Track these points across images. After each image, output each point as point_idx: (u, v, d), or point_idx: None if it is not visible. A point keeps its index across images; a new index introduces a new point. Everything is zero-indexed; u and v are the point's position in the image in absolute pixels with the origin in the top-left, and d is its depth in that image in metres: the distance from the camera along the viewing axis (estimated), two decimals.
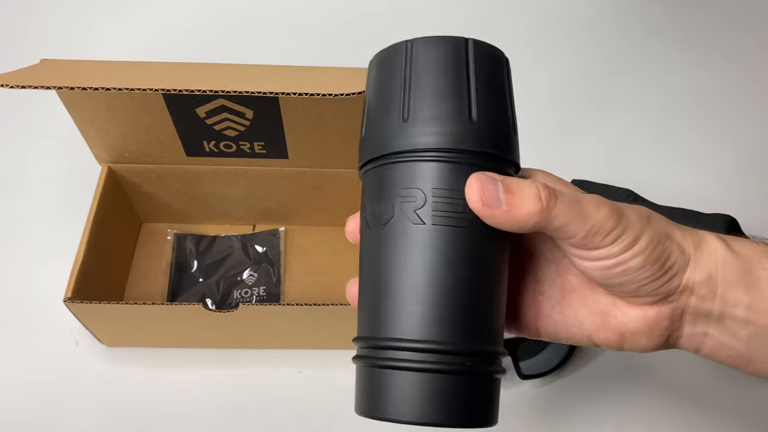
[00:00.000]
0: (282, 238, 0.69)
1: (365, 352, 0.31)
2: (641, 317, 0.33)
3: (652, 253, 0.31)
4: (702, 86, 0.87)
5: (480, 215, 0.29)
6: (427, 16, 0.93)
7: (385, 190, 0.30)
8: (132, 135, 0.58)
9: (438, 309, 0.29)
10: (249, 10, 0.93)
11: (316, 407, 0.59)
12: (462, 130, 0.29)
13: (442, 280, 0.29)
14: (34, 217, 0.71)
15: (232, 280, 0.66)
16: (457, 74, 0.30)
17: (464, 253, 0.29)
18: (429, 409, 0.28)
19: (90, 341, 0.62)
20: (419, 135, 0.29)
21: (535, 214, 0.29)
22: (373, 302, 0.31)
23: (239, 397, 0.60)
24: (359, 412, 0.31)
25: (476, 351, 0.29)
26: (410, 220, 0.29)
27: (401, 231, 0.30)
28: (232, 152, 0.59)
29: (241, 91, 0.46)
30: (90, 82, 0.46)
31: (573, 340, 0.35)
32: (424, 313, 0.29)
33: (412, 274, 0.29)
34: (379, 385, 0.30)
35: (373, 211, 0.31)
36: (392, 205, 0.30)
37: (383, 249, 0.30)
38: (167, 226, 0.70)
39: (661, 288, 0.32)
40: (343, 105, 0.53)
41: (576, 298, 0.35)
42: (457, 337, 0.29)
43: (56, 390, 0.59)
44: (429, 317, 0.29)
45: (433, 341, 0.29)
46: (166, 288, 0.65)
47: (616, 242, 0.30)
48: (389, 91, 0.31)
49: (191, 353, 0.62)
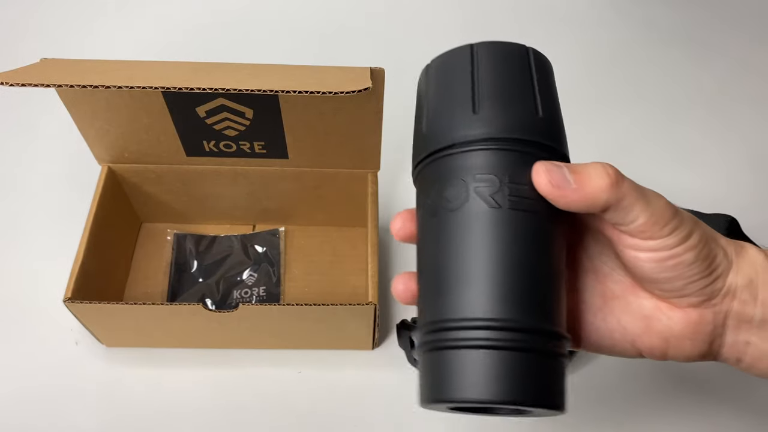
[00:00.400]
0: (282, 239, 0.69)
1: (435, 336, 0.31)
2: (685, 319, 0.33)
3: (702, 250, 0.31)
4: (702, 86, 0.87)
5: (550, 197, 0.30)
6: (428, 15, 0.93)
7: (459, 176, 0.31)
8: (132, 135, 0.57)
9: (512, 288, 0.30)
10: (249, 10, 0.93)
11: (316, 407, 0.59)
12: (532, 124, 0.31)
13: (515, 261, 0.30)
14: (34, 217, 0.71)
15: (232, 281, 0.66)
16: (523, 76, 0.32)
17: (535, 237, 0.31)
18: (505, 387, 0.29)
19: (90, 341, 0.62)
20: (493, 125, 0.31)
21: (606, 189, 0.30)
22: (443, 286, 0.31)
23: (239, 397, 0.59)
24: (429, 398, 0.31)
25: (548, 331, 0.30)
26: (487, 204, 0.31)
27: (476, 214, 0.31)
28: (232, 152, 0.59)
29: (241, 89, 0.45)
30: (90, 81, 0.45)
31: (616, 348, 0.35)
32: (498, 292, 0.30)
33: (487, 254, 0.30)
34: (460, 363, 0.29)
35: (442, 196, 0.32)
36: (466, 190, 0.31)
37: (456, 232, 0.31)
38: (167, 226, 0.70)
39: (706, 288, 0.32)
40: (344, 104, 0.53)
41: (618, 305, 0.35)
42: (531, 316, 0.30)
43: (56, 390, 0.59)
44: (503, 296, 0.29)
45: (509, 319, 0.29)
46: (165, 288, 0.65)
47: (672, 234, 0.31)
48: (457, 88, 0.33)
49: (191, 353, 0.62)
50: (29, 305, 0.64)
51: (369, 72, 0.48)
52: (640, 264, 0.32)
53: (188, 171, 0.62)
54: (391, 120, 0.57)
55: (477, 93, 0.32)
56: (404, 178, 0.74)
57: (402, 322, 0.60)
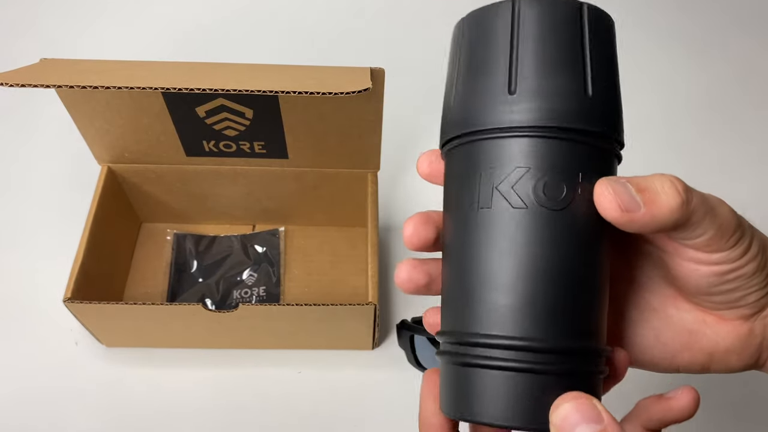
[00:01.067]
0: (282, 239, 0.69)
1: (463, 350, 0.28)
2: (733, 333, 0.31)
3: (761, 260, 0.29)
4: (703, 86, 0.87)
5: (617, 223, 0.27)
6: (428, 15, 0.93)
7: (488, 167, 0.27)
8: (132, 135, 0.57)
9: (551, 302, 0.26)
10: (249, 10, 0.93)
11: (316, 407, 0.59)
12: (578, 108, 0.27)
13: (555, 269, 0.26)
14: (34, 217, 0.71)
15: (232, 281, 0.66)
16: (573, 43, 0.27)
17: (576, 240, 0.27)
18: (536, 413, 0.26)
19: (89, 341, 0.62)
20: (531, 110, 0.27)
21: (677, 210, 0.26)
22: (471, 292, 0.27)
23: (239, 397, 0.59)
24: (453, 413, 0.28)
25: (590, 350, 0.27)
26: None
27: (508, 213, 0.27)
28: (232, 152, 0.59)
29: (241, 89, 0.45)
30: (90, 81, 0.45)
31: (654, 363, 0.33)
32: (534, 307, 0.26)
33: (522, 260, 0.26)
34: (490, 385, 0.27)
35: (469, 189, 0.28)
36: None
37: (484, 233, 0.27)
38: (167, 226, 0.70)
39: (761, 299, 0.30)
40: (344, 104, 0.53)
41: (657, 317, 0.32)
42: (569, 335, 0.26)
43: (56, 390, 0.59)
44: (540, 311, 0.26)
45: (544, 339, 0.26)
46: (165, 288, 0.65)
47: (735, 246, 0.28)
48: (491, 57, 0.28)
49: (191, 353, 0.61)
50: (29, 305, 0.64)
51: (369, 72, 0.48)
52: (699, 277, 0.29)
53: (188, 171, 0.62)
54: (391, 120, 0.57)
55: (514, 67, 0.27)
56: (404, 178, 0.74)
57: (402, 322, 0.60)
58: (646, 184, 0.27)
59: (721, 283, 0.29)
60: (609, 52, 0.28)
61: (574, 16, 0.27)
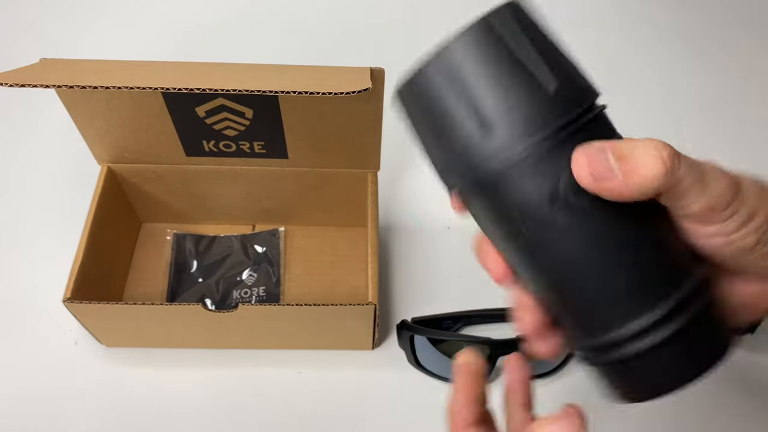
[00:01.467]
0: (282, 239, 0.69)
1: (620, 350, 0.29)
2: (748, 292, 0.31)
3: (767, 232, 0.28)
4: (703, 86, 0.87)
5: (594, 191, 0.26)
6: (429, 14, 0.93)
7: (515, 208, 0.28)
8: (131, 135, 0.57)
9: (650, 275, 0.28)
10: (248, 10, 0.93)
11: (316, 407, 0.59)
12: (550, 109, 0.27)
13: (622, 245, 0.28)
14: (33, 217, 0.71)
15: (232, 281, 0.66)
16: (508, 59, 0.27)
17: (617, 222, 0.28)
18: (699, 364, 0.29)
19: (89, 342, 0.62)
20: (510, 141, 0.27)
21: (658, 179, 0.26)
22: (592, 301, 0.29)
23: (239, 397, 0.59)
24: (645, 398, 0.31)
25: (694, 286, 0.29)
26: (569, 206, 0.27)
27: (567, 221, 0.28)
28: (232, 152, 0.59)
29: (241, 89, 0.45)
30: (89, 81, 0.45)
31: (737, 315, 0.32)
32: (642, 288, 0.28)
33: (597, 257, 0.28)
34: (642, 373, 0.30)
35: (512, 222, 0.29)
36: (520, 216, 0.28)
37: (556, 252, 0.29)
38: (167, 226, 0.70)
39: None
40: (344, 104, 0.53)
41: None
42: (677, 288, 0.28)
43: (55, 390, 0.59)
44: (651, 287, 0.28)
45: (665, 306, 0.28)
46: (165, 288, 0.65)
47: (729, 220, 0.27)
48: (445, 112, 0.28)
49: (191, 354, 0.61)
50: (29, 305, 0.64)
51: (369, 72, 0.48)
52: (699, 247, 0.29)
53: (188, 171, 0.62)
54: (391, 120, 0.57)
55: (471, 109, 0.28)
56: (404, 178, 0.74)
57: (402, 322, 0.60)
58: (629, 150, 0.26)
59: (724, 253, 0.29)
60: (540, 36, 0.28)
61: (489, 35, 0.27)
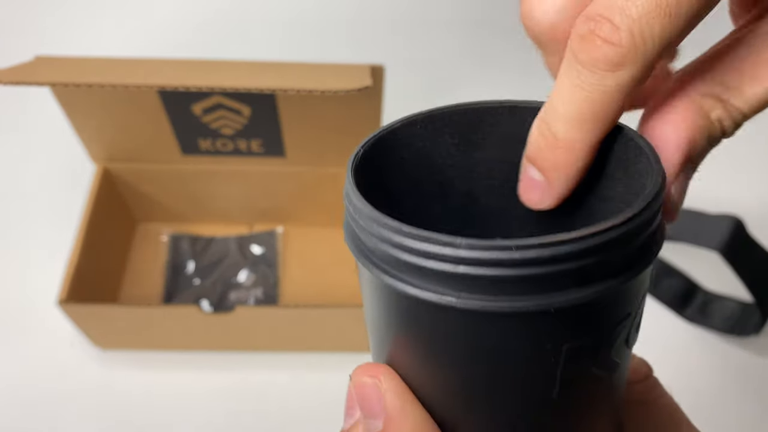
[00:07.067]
0: (280, 239, 0.69)
1: None
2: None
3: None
4: None
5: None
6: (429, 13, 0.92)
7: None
8: (127, 133, 0.57)
9: None
10: (246, 7, 0.93)
11: (313, 410, 0.59)
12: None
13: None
14: (27, 216, 0.70)
15: (229, 282, 0.66)
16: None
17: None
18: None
19: (84, 343, 0.61)
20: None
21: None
22: None
23: (236, 399, 0.59)
24: None
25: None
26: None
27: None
28: (229, 151, 0.59)
29: (238, 87, 0.45)
30: (85, 79, 0.45)
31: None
32: None
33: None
34: None
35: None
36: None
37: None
38: (163, 226, 0.69)
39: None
40: (342, 102, 0.53)
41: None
42: None
43: (50, 393, 0.59)
44: None
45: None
46: (161, 290, 0.65)
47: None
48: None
49: (187, 356, 0.61)
50: (22, 307, 0.63)
51: (369, 70, 0.48)
52: None
53: (184, 170, 0.61)
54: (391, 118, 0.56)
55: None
56: None
57: None
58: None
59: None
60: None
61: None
